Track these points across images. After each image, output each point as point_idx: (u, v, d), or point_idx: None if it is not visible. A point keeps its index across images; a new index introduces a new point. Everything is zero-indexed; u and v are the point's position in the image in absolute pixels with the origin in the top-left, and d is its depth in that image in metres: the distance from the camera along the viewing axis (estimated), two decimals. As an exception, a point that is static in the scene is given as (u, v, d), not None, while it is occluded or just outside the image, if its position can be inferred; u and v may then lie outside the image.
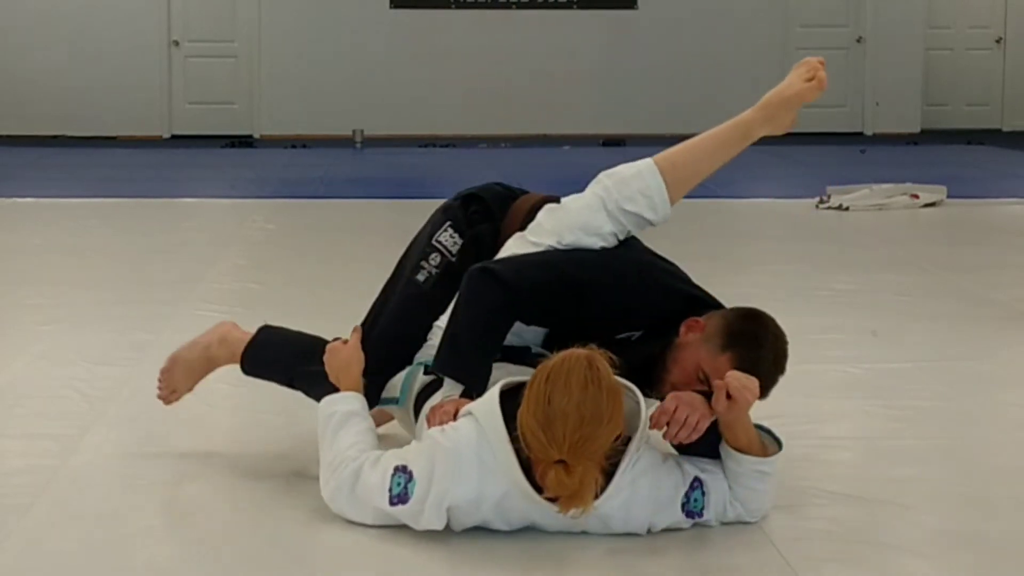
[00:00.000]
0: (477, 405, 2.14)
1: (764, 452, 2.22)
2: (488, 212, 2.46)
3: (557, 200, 2.46)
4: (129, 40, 10.23)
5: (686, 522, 2.19)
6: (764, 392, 2.21)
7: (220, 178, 7.61)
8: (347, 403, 2.30)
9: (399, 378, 2.39)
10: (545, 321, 2.31)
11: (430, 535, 2.13)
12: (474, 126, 10.40)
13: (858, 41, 10.82)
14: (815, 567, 2.09)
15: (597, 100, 10.54)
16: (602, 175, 2.44)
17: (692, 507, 2.18)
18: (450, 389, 2.22)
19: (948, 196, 6.44)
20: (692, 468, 2.20)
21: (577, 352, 2.04)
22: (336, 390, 2.32)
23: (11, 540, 2.17)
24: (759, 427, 2.25)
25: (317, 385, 2.36)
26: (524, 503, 2.10)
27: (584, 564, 2.07)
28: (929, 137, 10.49)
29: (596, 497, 2.04)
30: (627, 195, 2.38)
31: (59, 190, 6.90)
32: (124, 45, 10.22)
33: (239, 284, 4.44)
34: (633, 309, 2.29)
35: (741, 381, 2.13)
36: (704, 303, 2.34)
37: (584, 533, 2.15)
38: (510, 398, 2.13)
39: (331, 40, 10.35)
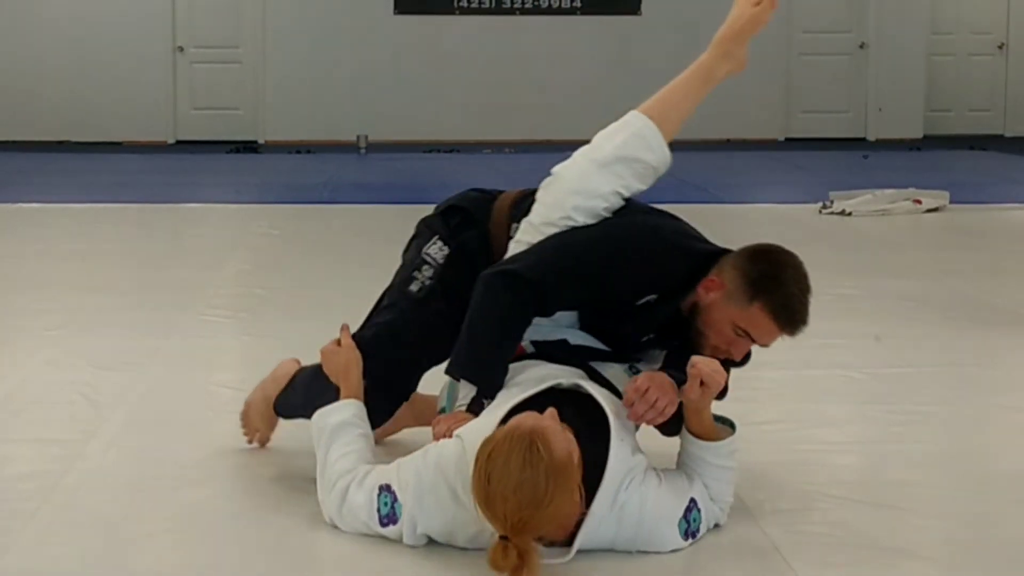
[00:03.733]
0: (468, 431, 2.12)
1: (719, 436, 2.23)
2: (470, 219, 2.44)
3: (532, 194, 2.43)
4: (134, 46, 10.27)
5: (685, 544, 2.17)
6: (800, 324, 2.24)
7: (225, 183, 7.62)
8: (338, 413, 2.30)
9: (444, 386, 2.38)
10: (570, 307, 2.30)
11: (430, 542, 2.15)
12: (478, 131, 10.42)
13: (861, 47, 10.84)
14: (819, 571, 2.08)
15: (601, 105, 10.51)
16: (593, 140, 2.40)
17: (692, 527, 2.18)
18: (467, 390, 2.23)
19: (951, 201, 6.44)
20: (688, 489, 2.20)
21: (521, 428, 1.99)
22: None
23: (18, 544, 2.18)
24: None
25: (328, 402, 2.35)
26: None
27: (584, 569, 2.06)
28: (932, 142, 10.50)
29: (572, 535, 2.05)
30: (618, 143, 2.36)
31: (65, 195, 6.92)
32: (129, 51, 10.26)
33: (244, 289, 4.44)
34: (653, 277, 2.27)
35: (711, 366, 2.13)
36: (715, 255, 2.32)
37: None
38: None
39: (335, 46, 10.37)
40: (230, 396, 3.07)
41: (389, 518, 2.14)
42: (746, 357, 2.37)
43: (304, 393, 2.49)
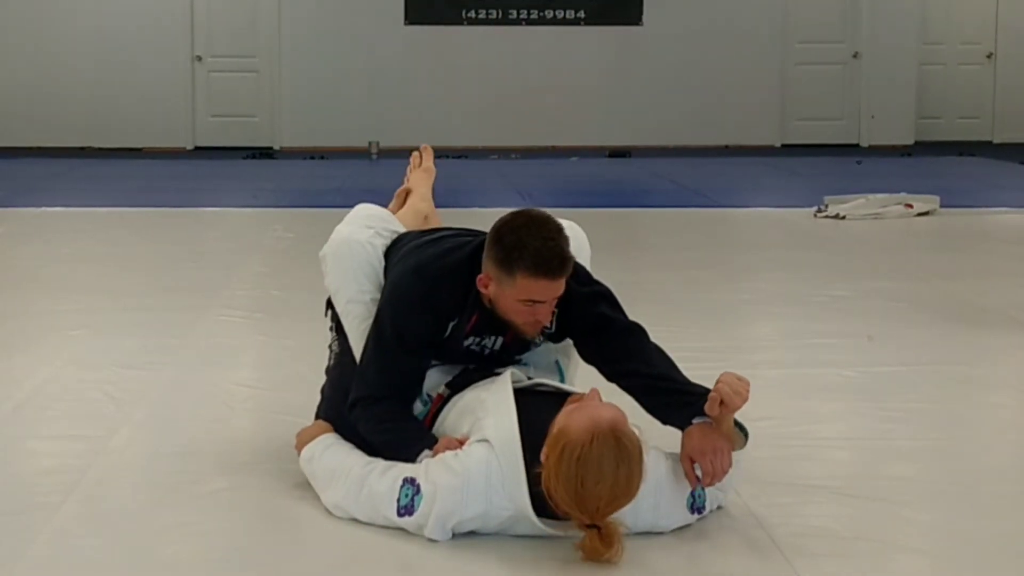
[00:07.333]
0: (494, 433, 2.18)
1: (734, 446, 2.29)
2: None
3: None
4: (154, 56, 10.31)
5: (692, 518, 2.26)
6: (559, 265, 2.29)
7: (242, 189, 7.64)
8: (318, 444, 2.41)
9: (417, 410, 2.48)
10: (421, 370, 2.44)
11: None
12: (485, 138, 10.48)
13: (854, 57, 10.83)
14: (813, 563, 2.12)
15: (604, 113, 10.56)
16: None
17: (698, 503, 2.26)
18: (425, 456, 2.31)
19: (941, 206, 6.48)
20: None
21: (601, 425, 2.03)
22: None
23: (43, 536, 2.23)
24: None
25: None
26: (533, 529, 2.15)
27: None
28: (922, 149, 10.46)
29: None
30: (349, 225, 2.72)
31: (87, 200, 6.97)
32: (149, 61, 10.29)
33: (260, 291, 4.48)
34: (434, 313, 2.41)
35: (733, 387, 2.18)
36: (479, 250, 2.41)
37: None
38: (523, 412, 2.20)
39: (348, 55, 10.40)
40: (247, 394, 3.16)
41: (407, 509, 2.19)
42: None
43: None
